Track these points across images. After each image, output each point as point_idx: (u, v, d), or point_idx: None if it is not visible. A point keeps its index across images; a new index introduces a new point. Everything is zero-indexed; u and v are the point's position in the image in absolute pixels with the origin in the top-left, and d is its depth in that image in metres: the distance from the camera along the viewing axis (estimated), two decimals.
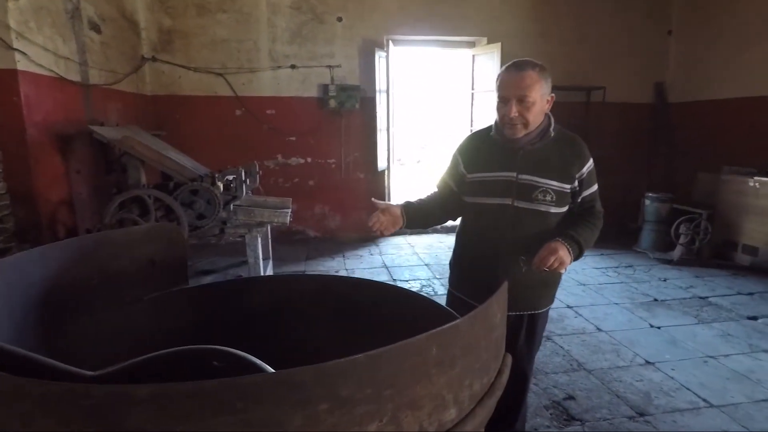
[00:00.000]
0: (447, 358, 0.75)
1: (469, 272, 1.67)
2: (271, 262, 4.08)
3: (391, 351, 0.67)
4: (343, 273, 4.39)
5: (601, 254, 4.90)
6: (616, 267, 4.51)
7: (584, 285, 3.99)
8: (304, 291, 1.59)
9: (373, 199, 1.64)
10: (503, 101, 1.46)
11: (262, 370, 1.12)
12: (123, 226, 2.95)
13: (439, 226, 2.83)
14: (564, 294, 3.77)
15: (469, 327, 0.79)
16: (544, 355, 2.77)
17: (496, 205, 1.52)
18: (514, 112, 1.42)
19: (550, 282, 1.63)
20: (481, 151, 1.58)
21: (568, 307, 3.52)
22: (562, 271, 1.47)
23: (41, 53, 2.83)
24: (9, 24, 2.57)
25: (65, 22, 3.14)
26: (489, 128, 1.61)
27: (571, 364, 2.67)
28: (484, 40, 5.40)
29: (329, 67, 5.11)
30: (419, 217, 1.61)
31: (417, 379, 0.70)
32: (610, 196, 5.69)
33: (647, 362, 2.69)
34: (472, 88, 5.72)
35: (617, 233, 5.45)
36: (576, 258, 1.46)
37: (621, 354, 2.79)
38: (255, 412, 0.59)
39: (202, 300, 1.62)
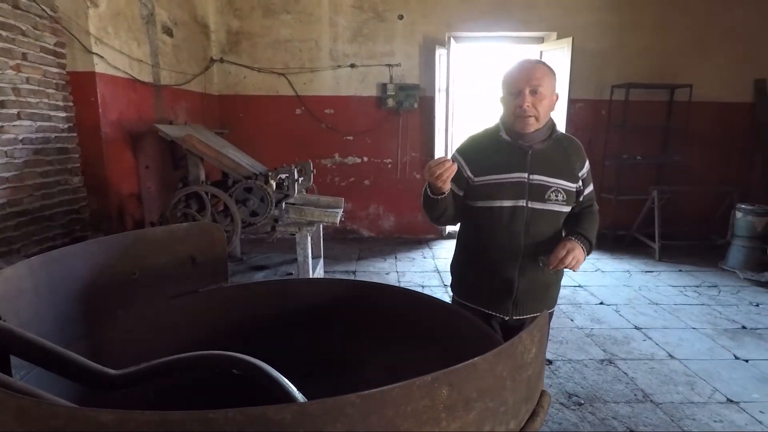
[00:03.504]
0: (461, 401, 0.64)
1: (483, 279, 1.58)
2: (322, 260, 4.11)
3: (390, 392, 0.57)
4: (393, 275, 4.32)
5: (679, 270, 4.41)
6: (697, 286, 4.03)
7: (657, 304, 3.60)
8: (342, 297, 1.54)
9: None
10: (515, 94, 1.44)
11: (277, 382, 1.07)
12: (186, 219, 3.09)
13: None
14: (632, 312, 3.42)
15: (489, 366, 0.67)
16: (604, 381, 2.51)
17: (510, 207, 1.48)
18: (527, 102, 1.40)
19: (556, 282, 1.63)
20: (488, 153, 1.52)
21: (636, 328, 3.18)
22: (576, 270, 1.48)
23: (117, 56, 3.03)
24: (89, 30, 2.77)
25: (140, 26, 3.36)
26: (494, 129, 1.56)
27: (635, 394, 2.39)
28: (554, 35, 5.07)
29: (388, 65, 5.06)
30: (449, 205, 1.51)
31: (422, 423, 0.61)
32: (694, 206, 5.21)
33: (729, 400, 2.34)
34: None
35: (701, 248, 4.89)
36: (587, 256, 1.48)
37: (697, 388, 2.46)
38: None
39: (240, 299, 1.62)
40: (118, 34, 3.05)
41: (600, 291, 3.89)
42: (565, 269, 1.48)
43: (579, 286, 3.99)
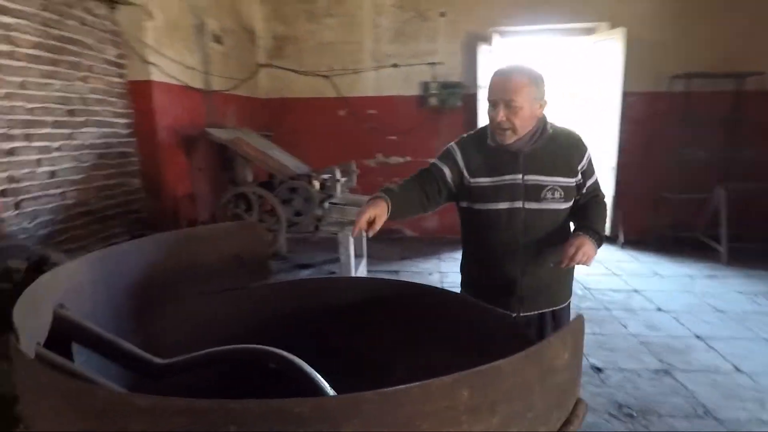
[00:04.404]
0: (484, 404, 0.62)
1: (487, 278, 1.61)
2: (365, 259, 4.14)
3: (408, 391, 0.57)
4: (436, 276, 4.29)
5: (747, 275, 4.05)
6: None
7: (722, 312, 3.32)
8: (382, 296, 1.54)
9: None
10: (492, 105, 1.45)
11: (310, 377, 1.10)
12: (235, 219, 3.23)
13: None
14: (693, 320, 3.19)
15: (514, 369, 0.65)
16: (659, 393, 2.35)
17: (506, 209, 1.50)
18: (501, 116, 1.41)
19: (567, 276, 1.64)
20: (481, 155, 1.53)
21: (697, 337, 2.96)
22: (589, 264, 1.47)
23: (171, 65, 3.22)
24: (146, 41, 2.96)
25: (192, 36, 3.54)
26: (483, 134, 1.56)
27: (695, 409, 2.22)
28: (606, 25, 4.82)
29: (431, 64, 5.02)
30: (401, 210, 1.51)
31: (442, 425, 0.59)
32: (767, 205, 4.75)
33: None
34: (593, 81, 5.15)
35: None
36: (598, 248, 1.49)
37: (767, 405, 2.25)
38: None
39: (282, 296, 1.67)
40: (172, 44, 3.24)
41: (657, 296, 3.65)
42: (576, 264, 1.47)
43: (634, 291, 3.77)
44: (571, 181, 1.51)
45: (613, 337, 2.97)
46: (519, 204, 1.48)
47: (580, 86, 5.39)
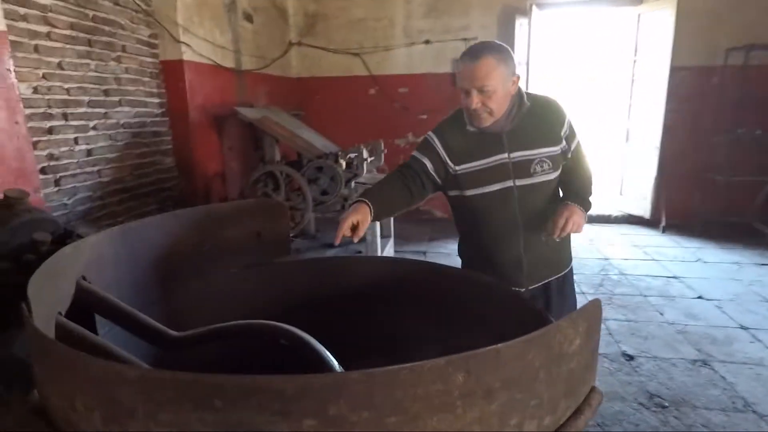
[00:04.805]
0: (480, 389, 0.59)
1: (490, 262, 1.57)
2: (392, 240, 4.13)
3: (397, 372, 0.54)
4: None
5: None
6: None
7: None
8: (402, 277, 1.53)
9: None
10: (465, 92, 1.41)
11: (320, 354, 1.10)
12: (266, 197, 3.28)
13: None
14: (738, 310, 3.00)
15: (516, 354, 0.61)
16: (695, 384, 2.24)
17: (498, 190, 1.48)
18: (476, 103, 1.38)
19: (563, 245, 1.62)
20: (463, 141, 1.50)
21: (742, 327, 2.78)
22: (581, 231, 1.48)
23: (202, 44, 3.25)
24: (177, 21, 3.00)
25: (223, 14, 3.56)
26: (460, 118, 1.52)
27: (733, 402, 2.10)
28: None
29: (464, 40, 4.84)
30: (385, 210, 1.53)
31: (434, 409, 0.57)
32: None
33: None
34: (635, 56, 4.84)
35: None
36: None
37: None
38: (233, 413, 0.53)
39: (302, 273, 1.69)
40: (202, 23, 3.26)
41: (699, 284, 3.45)
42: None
43: (673, 277, 3.58)
44: (557, 150, 1.49)
45: (647, 324, 2.84)
46: (510, 183, 1.47)
47: (623, 62, 5.06)
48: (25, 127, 2.04)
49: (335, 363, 1.06)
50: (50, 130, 2.28)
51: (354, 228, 1.44)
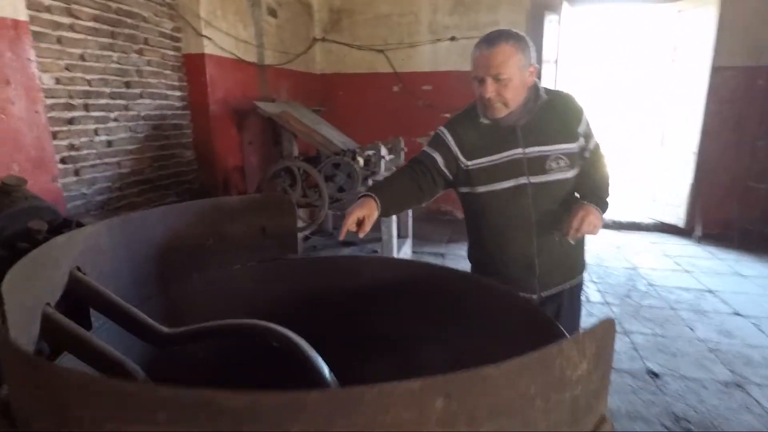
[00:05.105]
0: (463, 416, 0.51)
1: (502, 264, 1.50)
2: (410, 240, 4.05)
3: (361, 395, 0.48)
4: None
5: None
6: None
7: None
8: (412, 280, 1.46)
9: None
10: (479, 81, 1.34)
11: (310, 360, 1.04)
12: (284, 193, 3.26)
13: None
14: None
15: (507, 379, 0.53)
16: (726, 408, 2.08)
17: (511, 187, 1.41)
18: (490, 92, 1.32)
19: (577, 249, 1.54)
20: (475, 135, 1.43)
21: None
22: (596, 234, 1.39)
23: (224, 38, 3.26)
24: (200, 14, 3.01)
25: (246, 9, 3.56)
26: (473, 112, 1.46)
27: None
28: None
29: None
30: (393, 206, 1.47)
31: None
32: None
33: None
34: (674, 55, 4.59)
35: None
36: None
37: None
38: (176, 429, 0.48)
39: (307, 273, 1.63)
40: (226, 16, 3.27)
41: (736, 299, 3.23)
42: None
43: (708, 291, 3.37)
44: (573, 146, 1.42)
45: (676, 340, 2.67)
46: (524, 180, 1.40)
47: (661, 61, 4.82)
48: (45, 116, 2.07)
49: (326, 369, 1.00)
50: (71, 121, 2.31)
51: (360, 223, 1.39)
